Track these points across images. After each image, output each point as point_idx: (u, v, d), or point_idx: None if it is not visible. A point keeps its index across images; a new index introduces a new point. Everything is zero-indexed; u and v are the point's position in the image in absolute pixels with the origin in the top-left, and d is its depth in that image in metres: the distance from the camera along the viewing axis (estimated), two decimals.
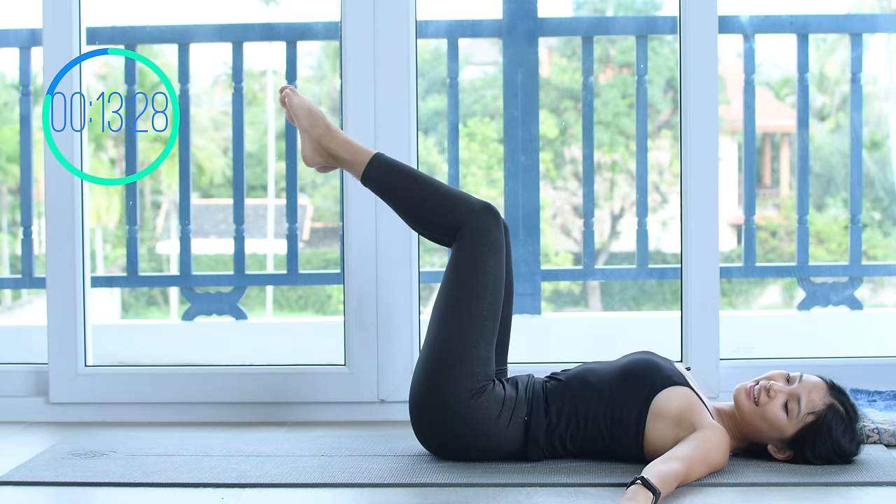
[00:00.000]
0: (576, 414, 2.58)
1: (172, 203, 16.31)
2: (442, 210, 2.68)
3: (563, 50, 14.93)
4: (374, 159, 2.74)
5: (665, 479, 2.29)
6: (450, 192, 2.70)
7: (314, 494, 2.43)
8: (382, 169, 2.73)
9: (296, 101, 2.83)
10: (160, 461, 2.68)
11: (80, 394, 3.29)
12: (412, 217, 2.73)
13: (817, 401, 2.54)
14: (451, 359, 2.58)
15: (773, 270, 9.35)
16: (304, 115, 2.81)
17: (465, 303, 2.61)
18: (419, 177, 2.73)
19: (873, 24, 4.66)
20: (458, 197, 2.68)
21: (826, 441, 2.53)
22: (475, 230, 2.64)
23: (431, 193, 2.70)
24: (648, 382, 2.54)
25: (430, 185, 2.71)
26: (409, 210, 2.72)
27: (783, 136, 16.02)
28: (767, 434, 2.57)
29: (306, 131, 2.80)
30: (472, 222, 2.64)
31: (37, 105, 3.84)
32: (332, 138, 2.77)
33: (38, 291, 10.76)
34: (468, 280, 2.62)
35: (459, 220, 2.65)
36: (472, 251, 2.63)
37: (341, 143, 2.77)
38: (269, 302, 15.89)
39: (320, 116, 2.80)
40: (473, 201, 2.67)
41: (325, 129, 2.78)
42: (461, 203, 2.66)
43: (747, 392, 2.57)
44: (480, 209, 2.66)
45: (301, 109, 2.81)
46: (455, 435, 2.58)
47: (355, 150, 2.76)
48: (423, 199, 2.69)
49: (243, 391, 3.27)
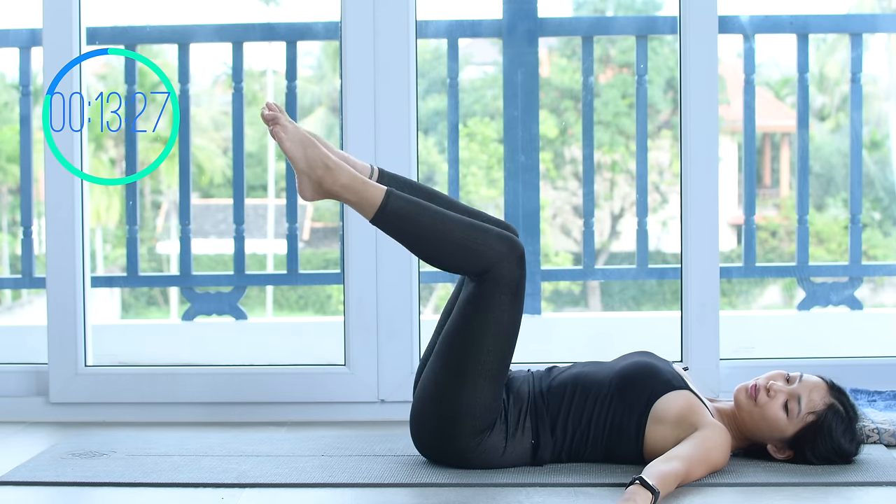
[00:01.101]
0: (579, 426, 2.56)
1: (172, 203, 16.31)
2: (463, 257, 2.47)
3: (563, 50, 14.93)
4: (384, 204, 2.46)
5: (664, 478, 2.28)
6: (470, 233, 2.47)
7: (314, 494, 2.43)
8: (393, 215, 2.47)
9: (287, 139, 2.49)
10: (160, 461, 2.68)
11: (80, 394, 3.29)
12: (428, 260, 2.53)
13: (817, 401, 2.54)
14: (457, 413, 2.50)
15: (773, 270, 9.36)
16: (299, 156, 2.49)
17: (476, 355, 2.48)
18: (435, 218, 2.47)
19: (873, 24, 4.66)
20: (481, 238, 2.46)
21: (826, 441, 2.53)
22: (499, 280, 2.46)
23: (450, 237, 2.46)
24: (648, 388, 2.53)
25: (449, 228, 2.46)
26: (425, 255, 2.52)
27: (783, 136, 16.02)
28: (767, 434, 2.57)
29: (304, 173, 2.50)
30: (497, 270, 2.46)
31: (37, 105, 3.84)
32: (333, 179, 2.48)
33: (38, 291, 10.76)
34: (482, 331, 2.48)
35: (483, 266, 2.46)
36: (491, 300, 2.47)
37: (344, 184, 2.47)
38: (269, 302, 15.89)
39: (317, 153, 2.49)
40: (496, 242, 2.46)
41: (324, 168, 2.48)
42: (485, 247, 2.46)
43: (747, 391, 2.57)
44: (506, 254, 2.46)
45: (295, 149, 2.49)
46: (461, 466, 2.56)
47: (360, 191, 2.47)
48: (441, 245, 2.47)
49: (243, 391, 3.27)
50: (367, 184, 2.48)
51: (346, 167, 2.50)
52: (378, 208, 2.46)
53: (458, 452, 2.53)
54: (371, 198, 2.47)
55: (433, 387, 2.53)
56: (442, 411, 2.52)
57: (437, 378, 2.52)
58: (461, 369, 2.49)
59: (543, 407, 2.57)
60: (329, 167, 2.48)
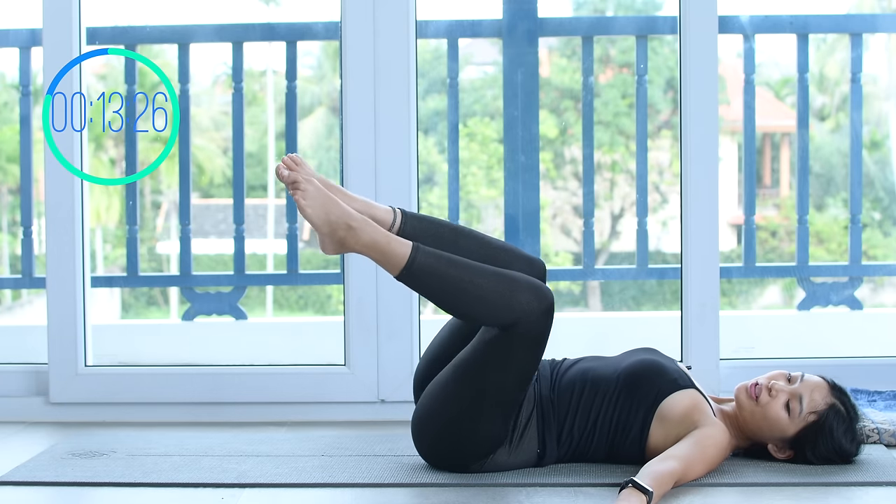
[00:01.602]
0: (585, 428, 2.56)
1: (172, 203, 16.32)
2: (491, 313, 2.41)
3: (563, 50, 14.94)
4: (410, 262, 2.40)
5: (659, 478, 2.28)
6: (498, 288, 2.39)
7: (314, 494, 2.43)
8: (420, 272, 2.40)
9: (309, 206, 2.39)
10: (160, 461, 2.68)
11: (80, 394, 3.29)
12: (454, 314, 2.49)
13: (819, 400, 2.54)
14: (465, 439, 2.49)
15: (773, 270, 9.35)
16: (322, 221, 2.40)
17: (491, 392, 2.45)
18: (462, 273, 2.40)
19: (873, 24, 4.65)
20: (509, 293, 2.39)
21: (827, 441, 2.53)
22: (525, 334, 2.41)
23: (477, 293, 2.39)
24: (655, 387, 2.52)
25: (476, 283, 2.39)
26: (452, 310, 2.46)
27: (783, 136, 16.03)
28: (768, 434, 2.57)
29: (326, 235, 2.42)
30: (523, 325, 2.40)
31: (37, 105, 3.84)
32: (356, 239, 2.40)
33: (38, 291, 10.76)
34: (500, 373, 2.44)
35: (511, 320, 2.40)
36: (515, 349, 2.43)
37: (367, 243, 2.40)
38: (269, 302, 15.90)
39: (340, 214, 2.40)
40: (526, 295, 2.39)
41: (346, 228, 2.40)
42: (514, 302, 2.39)
43: (748, 390, 2.57)
44: (535, 309, 2.40)
45: (317, 214, 2.40)
46: (465, 473, 2.56)
47: (385, 250, 2.40)
48: (469, 301, 2.41)
49: (243, 391, 3.27)
50: (391, 242, 2.41)
51: (369, 225, 2.42)
52: (404, 266, 2.41)
53: (463, 469, 2.53)
54: (397, 256, 2.41)
55: (440, 415, 2.51)
56: (447, 438, 2.51)
57: (446, 408, 2.49)
58: (474, 405, 2.47)
59: (551, 410, 2.56)
60: (352, 227, 2.41)
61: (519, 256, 2.59)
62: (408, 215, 2.56)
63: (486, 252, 2.56)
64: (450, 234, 2.55)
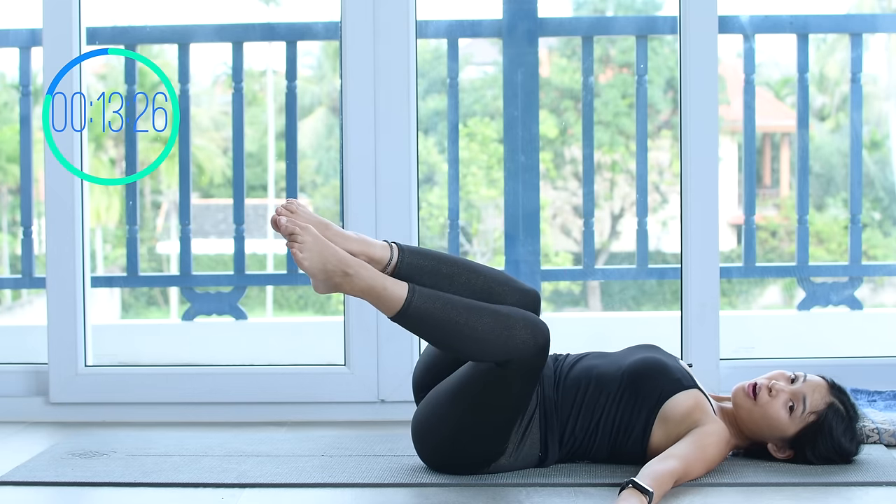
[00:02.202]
0: (586, 430, 2.56)
1: (172, 203, 16.32)
2: (487, 351, 2.41)
3: (563, 50, 14.94)
4: (405, 306, 2.41)
5: (660, 478, 2.28)
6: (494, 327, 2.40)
7: (314, 494, 2.43)
8: (416, 315, 2.42)
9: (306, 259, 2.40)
10: (160, 461, 2.68)
11: (80, 394, 3.29)
12: (450, 353, 2.51)
13: (819, 400, 2.54)
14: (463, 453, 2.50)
15: (773, 270, 9.34)
16: (318, 271, 2.41)
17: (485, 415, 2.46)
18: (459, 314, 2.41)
19: (873, 24, 4.65)
20: (506, 333, 2.40)
21: (827, 440, 2.53)
22: (520, 370, 2.43)
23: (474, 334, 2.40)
24: (658, 388, 2.52)
25: (472, 325, 2.40)
26: (447, 349, 2.49)
27: (783, 136, 16.03)
28: (768, 433, 2.57)
29: (321, 282, 2.44)
30: (519, 363, 2.41)
31: (37, 105, 3.84)
32: (352, 285, 2.42)
33: (38, 291, 10.75)
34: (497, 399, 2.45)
35: (506, 358, 2.41)
36: (510, 382, 2.44)
37: (363, 289, 2.42)
38: (269, 302, 15.90)
39: (336, 263, 2.41)
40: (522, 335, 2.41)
41: (342, 275, 2.41)
42: (509, 341, 2.40)
43: (745, 390, 2.57)
44: (530, 347, 2.41)
45: (314, 266, 2.41)
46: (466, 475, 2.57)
47: (380, 295, 2.42)
48: (465, 342, 2.41)
49: (243, 391, 3.27)
50: (387, 286, 2.42)
51: (365, 269, 2.42)
52: (400, 310, 2.42)
53: (463, 474, 2.53)
54: (392, 300, 2.42)
55: (437, 433, 2.51)
56: (447, 453, 2.52)
57: (443, 427, 2.50)
58: (470, 425, 2.48)
59: (554, 411, 2.56)
60: (347, 274, 2.41)
61: (514, 289, 2.58)
62: (405, 252, 2.53)
63: (482, 284, 2.55)
64: (447, 270, 2.54)
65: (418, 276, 2.51)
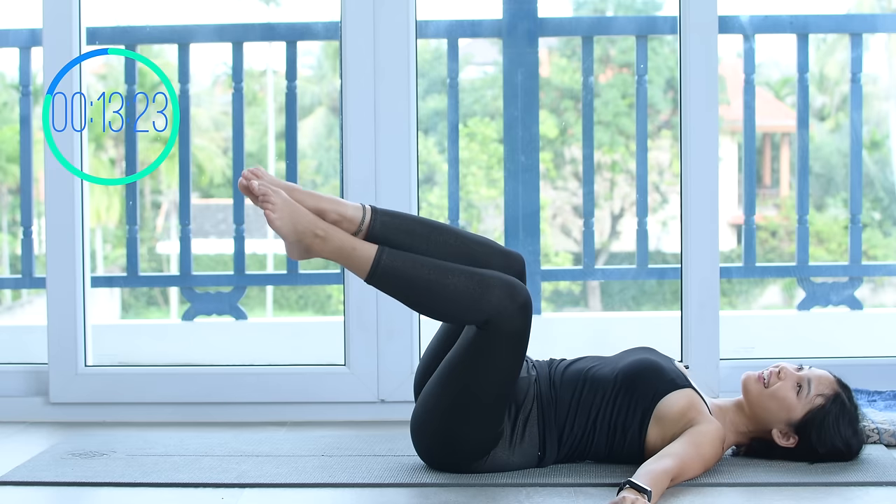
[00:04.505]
0: (584, 429, 2.56)
1: (172, 203, 16.30)
2: (462, 312, 2.41)
3: (563, 50, 14.93)
4: (374, 266, 2.41)
5: (657, 477, 2.29)
6: (468, 286, 2.39)
7: (314, 494, 2.43)
8: (386, 275, 2.42)
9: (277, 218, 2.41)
10: (160, 461, 2.68)
11: (80, 394, 3.29)
12: (428, 314, 2.50)
13: (826, 387, 2.57)
14: (457, 441, 2.49)
15: (773, 270, 9.35)
16: (289, 231, 2.43)
17: (477, 393, 2.45)
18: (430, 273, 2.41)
19: (873, 24, 4.65)
20: (480, 289, 2.39)
21: (833, 426, 2.54)
22: (501, 332, 2.41)
23: (446, 293, 2.40)
24: (653, 387, 2.53)
25: (444, 283, 2.40)
26: (423, 311, 2.49)
27: (783, 136, 16.02)
28: (775, 415, 2.57)
29: (293, 243, 2.46)
30: (497, 322, 2.40)
31: (37, 105, 3.84)
32: (323, 246, 2.44)
33: (38, 291, 10.76)
34: (483, 374, 2.44)
35: (484, 318, 2.40)
36: (493, 348, 2.43)
37: (333, 249, 2.43)
38: (269, 302, 15.88)
39: (306, 224, 2.43)
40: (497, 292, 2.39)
41: (312, 237, 2.44)
42: (484, 300, 2.39)
43: (757, 377, 2.59)
44: (507, 305, 2.39)
45: (285, 225, 2.42)
46: (465, 474, 2.56)
47: (350, 255, 2.43)
48: (438, 301, 2.42)
49: (243, 391, 3.27)
50: (357, 248, 2.43)
51: (335, 231, 2.45)
52: (370, 270, 2.42)
53: (462, 469, 2.53)
54: (362, 261, 2.43)
55: (433, 417, 2.52)
56: (443, 442, 2.52)
57: (438, 411, 2.50)
58: (462, 406, 2.48)
59: (551, 410, 2.56)
60: (318, 236, 2.44)
61: (495, 251, 2.55)
62: (378, 212, 2.52)
63: (461, 247, 2.53)
64: (422, 230, 2.52)
65: (394, 237, 2.49)
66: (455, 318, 2.45)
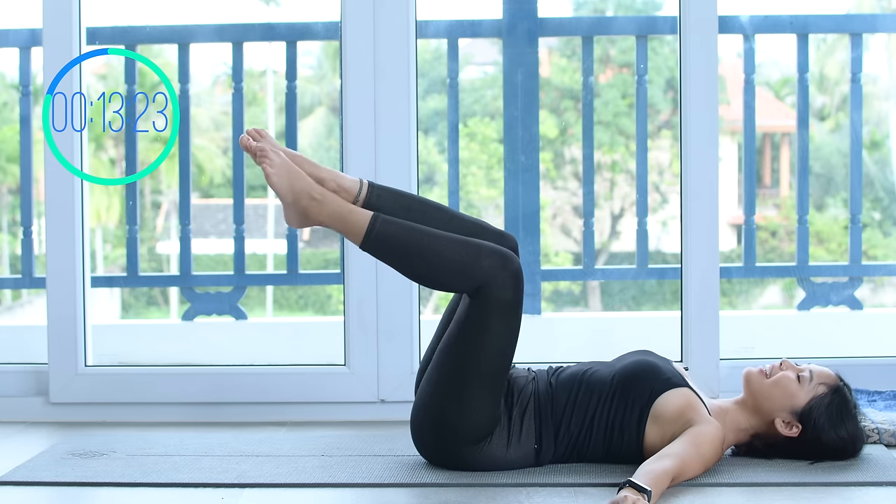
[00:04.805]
0: (580, 427, 2.57)
1: (172, 203, 16.30)
2: (454, 278, 2.44)
3: (563, 50, 14.93)
4: (369, 230, 2.45)
5: (657, 477, 2.29)
6: (461, 250, 2.43)
7: (314, 494, 2.43)
8: (380, 240, 2.45)
9: (274, 174, 2.45)
10: (160, 461, 2.68)
11: (80, 394, 3.29)
12: (421, 282, 2.52)
13: (827, 377, 2.59)
14: (455, 421, 2.50)
15: (773, 270, 9.36)
16: (286, 190, 2.47)
17: (473, 368, 2.47)
18: (424, 239, 2.44)
19: (873, 24, 4.66)
20: (473, 256, 2.42)
21: (837, 414, 2.54)
22: (494, 300, 2.43)
23: (441, 258, 2.43)
24: (649, 386, 2.54)
25: (438, 248, 2.43)
26: (416, 276, 2.50)
27: (783, 136, 16.01)
28: (779, 402, 2.57)
29: (289, 204, 2.49)
30: (489, 287, 2.42)
31: (37, 105, 3.84)
32: (319, 210, 2.47)
33: (38, 291, 10.76)
34: (478, 345, 2.46)
35: (476, 286, 2.43)
36: (487, 316, 2.45)
37: (330, 213, 2.47)
38: (269, 302, 15.88)
39: (303, 183, 2.47)
40: (489, 259, 2.42)
41: (309, 199, 2.47)
42: (476, 265, 2.42)
43: (758, 370, 2.61)
44: (499, 271, 2.42)
45: (282, 182, 2.47)
46: (463, 469, 2.56)
47: (346, 219, 2.46)
48: (431, 267, 2.44)
49: (243, 391, 3.27)
50: (353, 212, 2.47)
51: (332, 197, 2.49)
52: (364, 234, 2.45)
53: (460, 459, 2.53)
54: (357, 225, 2.46)
55: (431, 398, 2.53)
56: (440, 422, 2.52)
57: (435, 390, 2.52)
58: (458, 383, 2.49)
59: (548, 407, 2.57)
60: (314, 198, 2.48)
61: (490, 231, 2.60)
62: (375, 186, 2.58)
63: (456, 225, 2.58)
64: (418, 206, 2.57)
65: (389, 210, 2.54)
66: (447, 285, 2.48)
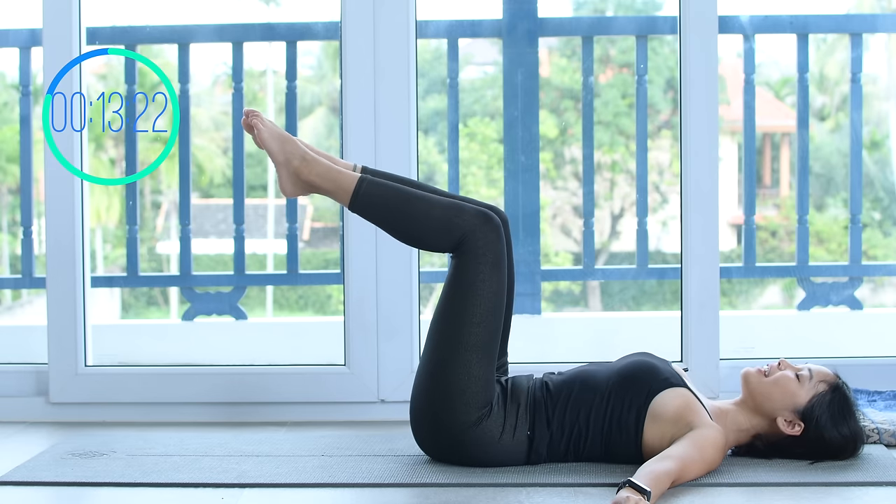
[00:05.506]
0: (577, 422, 2.57)
1: (172, 203, 16.30)
2: (438, 232, 2.55)
3: (563, 50, 14.93)
4: (358, 188, 2.57)
5: (657, 478, 2.29)
6: (445, 208, 2.55)
7: (314, 494, 2.43)
8: (369, 197, 2.57)
9: (265, 133, 2.61)
10: (160, 461, 2.68)
11: (80, 394, 3.29)
12: (407, 240, 2.62)
13: (827, 376, 2.59)
14: (450, 389, 2.52)
15: (773, 270, 9.36)
16: (277, 149, 2.61)
17: (463, 328, 2.53)
18: (410, 198, 2.57)
19: (873, 24, 4.66)
20: (455, 213, 2.54)
21: (839, 412, 2.55)
22: (475, 250, 2.53)
23: (425, 215, 2.55)
24: (646, 385, 2.54)
25: (423, 206, 2.56)
26: (403, 234, 2.60)
27: (783, 136, 16.01)
28: (780, 401, 2.57)
29: (282, 165, 2.61)
30: (471, 240, 2.53)
31: (37, 105, 3.84)
32: (310, 169, 2.59)
33: (38, 291, 10.76)
34: (466, 303, 2.53)
35: (458, 237, 2.54)
36: (472, 271, 2.54)
37: (321, 172, 2.59)
38: (269, 302, 15.88)
39: (294, 146, 2.60)
40: (471, 216, 2.54)
41: (300, 159, 2.60)
42: (458, 220, 2.54)
43: (757, 370, 2.61)
44: (480, 225, 2.53)
45: (272, 142, 2.61)
46: (458, 454, 2.57)
47: (336, 178, 2.59)
48: (417, 223, 2.56)
49: (243, 391, 3.27)
50: (343, 173, 2.60)
51: (323, 160, 2.61)
52: (353, 193, 2.56)
53: (454, 435, 2.54)
54: (345, 184, 2.58)
55: (426, 365, 2.57)
56: (435, 388, 2.54)
57: (429, 356, 2.57)
58: (450, 345, 2.53)
59: (544, 400, 2.58)
60: (305, 159, 2.59)
61: (479, 203, 2.67)
62: (368, 168, 2.70)
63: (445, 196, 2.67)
64: (409, 182, 2.69)
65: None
66: (433, 244, 2.57)
